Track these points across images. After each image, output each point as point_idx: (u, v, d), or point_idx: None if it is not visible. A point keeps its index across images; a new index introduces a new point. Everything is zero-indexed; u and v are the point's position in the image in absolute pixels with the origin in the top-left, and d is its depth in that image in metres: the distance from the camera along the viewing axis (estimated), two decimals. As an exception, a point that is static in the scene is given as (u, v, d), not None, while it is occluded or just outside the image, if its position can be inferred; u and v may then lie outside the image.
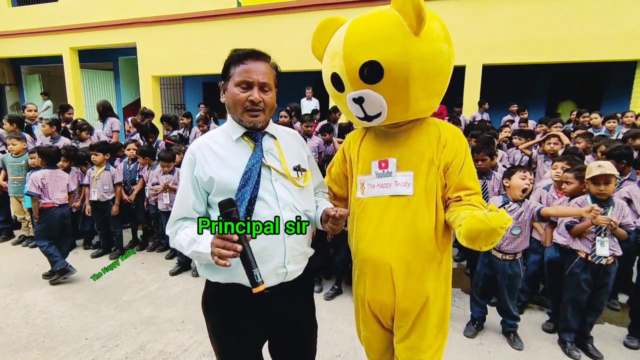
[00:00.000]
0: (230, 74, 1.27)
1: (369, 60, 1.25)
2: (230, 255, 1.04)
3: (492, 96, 7.51)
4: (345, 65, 1.30)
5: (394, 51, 1.24)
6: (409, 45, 1.23)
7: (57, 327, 2.89)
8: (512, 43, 6.47)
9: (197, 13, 8.28)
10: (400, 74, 1.26)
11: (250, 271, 1.06)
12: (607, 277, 2.48)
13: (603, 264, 2.45)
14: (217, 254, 1.05)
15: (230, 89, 1.26)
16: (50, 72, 12.34)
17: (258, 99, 1.24)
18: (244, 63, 1.25)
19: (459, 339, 2.76)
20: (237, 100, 1.24)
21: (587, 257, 2.49)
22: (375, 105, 1.34)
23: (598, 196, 2.49)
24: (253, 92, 1.24)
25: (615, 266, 2.49)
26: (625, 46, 6.01)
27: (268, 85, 1.27)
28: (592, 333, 2.62)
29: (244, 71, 1.24)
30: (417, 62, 1.25)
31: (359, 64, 1.27)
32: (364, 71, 1.27)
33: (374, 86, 1.29)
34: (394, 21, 1.25)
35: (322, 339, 1.59)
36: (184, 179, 1.29)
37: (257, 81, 1.24)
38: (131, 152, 4.47)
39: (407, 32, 1.23)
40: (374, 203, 1.44)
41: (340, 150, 1.67)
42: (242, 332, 1.33)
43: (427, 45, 1.26)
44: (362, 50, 1.27)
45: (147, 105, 8.68)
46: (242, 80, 1.23)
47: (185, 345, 2.66)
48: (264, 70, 1.26)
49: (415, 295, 1.43)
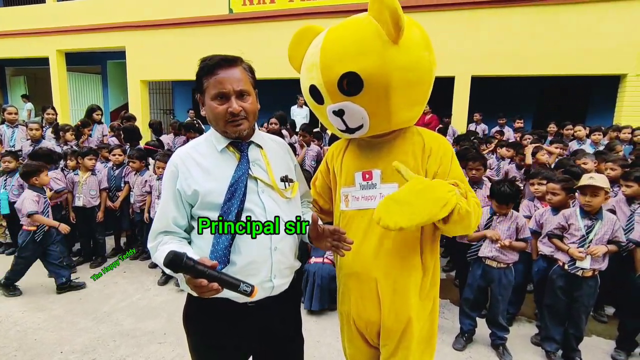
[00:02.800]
0: (204, 86, 1.21)
1: (348, 72, 1.21)
2: (212, 295, 1.01)
3: (482, 108, 7.64)
4: (324, 77, 1.26)
5: (373, 62, 1.20)
6: (388, 55, 1.20)
7: (31, 339, 2.76)
8: (500, 56, 6.57)
9: (187, 18, 8.23)
10: (380, 85, 1.22)
11: (237, 290, 1.01)
12: (581, 290, 2.48)
13: (579, 275, 2.46)
14: (199, 295, 1.02)
15: (208, 103, 1.20)
16: (36, 74, 12.13)
17: (237, 109, 1.18)
18: (216, 74, 1.18)
19: (448, 351, 2.71)
20: (217, 114, 1.19)
21: (564, 266, 2.51)
22: (356, 117, 1.30)
23: (585, 207, 2.50)
24: (231, 102, 1.18)
25: (594, 280, 2.48)
26: (609, 61, 6.16)
27: (245, 91, 1.21)
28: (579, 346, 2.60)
29: (217, 82, 1.17)
30: (397, 72, 1.22)
31: (337, 75, 1.23)
32: (343, 83, 1.23)
33: (354, 98, 1.26)
34: (372, 30, 1.21)
35: (309, 352, 1.54)
36: (165, 191, 1.24)
37: (233, 90, 1.18)
38: (116, 158, 4.36)
39: (385, 41, 1.19)
40: (360, 216, 1.40)
41: (324, 161, 1.63)
42: (226, 347, 1.28)
43: (406, 54, 1.22)
44: (340, 61, 1.23)
45: (135, 110, 8.57)
46: (218, 93, 1.17)
47: (167, 358, 2.56)
48: (239, 77, 1.20)
49: (400, 313, 1.38)
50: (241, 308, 1.22)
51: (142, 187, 4.12)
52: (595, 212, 2.49)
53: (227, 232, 1.03)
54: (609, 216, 2.52)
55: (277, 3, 7.68)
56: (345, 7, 6.79)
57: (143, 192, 4.12)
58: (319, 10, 7.26)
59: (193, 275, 0.97)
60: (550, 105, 8.60)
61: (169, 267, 0.94)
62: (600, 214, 2.50)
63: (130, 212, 4.33)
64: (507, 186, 2.59)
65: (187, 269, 0.95)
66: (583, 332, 2.59)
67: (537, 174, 3.13)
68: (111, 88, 11.75)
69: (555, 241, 2.61)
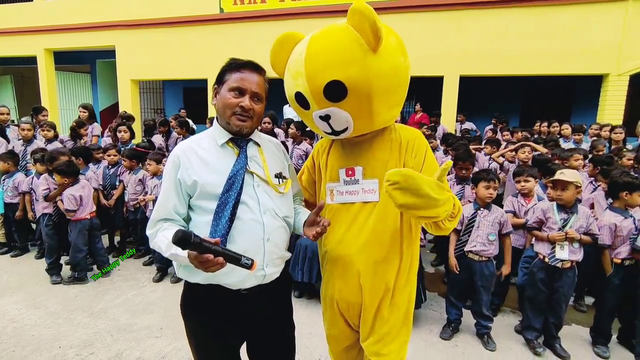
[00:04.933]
0: (225, 79, 1.32)
1: (333, 80, 1.29)
2: (217, 269, 1.09)
3: (471, 107, 7.80)
4: (309, 85, 1.33)
5: (356, 70, 1.27)
6: (369, 63, 1.27)
7: (29, 335, 2.80)
8: (488, 56, 6.72)
9: (178, 18, 8.22)
10: (363, 91, 1.30)
11: (239, 263, 1.10)
12: (561, 281, 2.62)
13: (559, 267, 2.60)
14: (205, 271, 1.09)
15: (223, 93, 1.31)
16: (23, 73, 11.94)
17: (249, 106, 1.29)
18: (241, 71, 1.31)
19: (436, 341, 2.83)
20: (228, 104, 1.29)
21: (544, 259, 2.65)
22: (342, 121, 1.39)
23: (558, 201, 2.68)
24: (245, 99, 1.29)
25: (572, 271, 2.63)
26: (592, 62, 6.35)
27: (260, 96, 1.33)
28: (559, 334, 2.74)
29: (240, 78, 1.29)
30: (378, 79, 1.30)
31: (322, 84, 1.30)
32: (328, 90, 1.31)
33: (339, 104, 1.33)
34: (352, 39, 1.27)
35: (301, 343, 1.62)
36: (166, 180, 1.32)
37: (251, 90, 1.30)
38: (111, 158, 4.39)
39: (366, 50, 1.26)
40: (346, 209, 1.52)
41: (310, 157, 1.74)
42: (222, 333, 1.36)
43: (385, 62, 1.30)
44: (325, 70, 1.29)
45: (125, 109, 8.52)
46: (236, 87, 1.29)
47: (164, 352, 2.63)
48: (258, 82, 1.32)
49: (379, 295, 1.50)
50: (235, 295, 1.31)
51: (135, 185, 4.16)
52: (570, 205, 2.65)
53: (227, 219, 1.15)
54: (584, 210, 2.68)
55: (268, 3, 7.71)
56: (335, 8, 6.85)
57: (137, 191, 4.17)
58: (310, 10, 7.30)
59: (200, 251, 1.04)
60: (536, 104, 8.81)
61: (179, 243, 1.00)
62: (576, 207, 2.66)
63: (124, 210, 4.37)
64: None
65: (195, 245, 1.02)
66: (562, 320, 2.73)
67: (523, 171, 3.25)
68: (101, 87, 11.64)
69: (535, 232, 2.76)
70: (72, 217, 3.65)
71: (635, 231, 2.64)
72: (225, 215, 1.23)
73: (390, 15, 6.75)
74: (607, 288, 2.73)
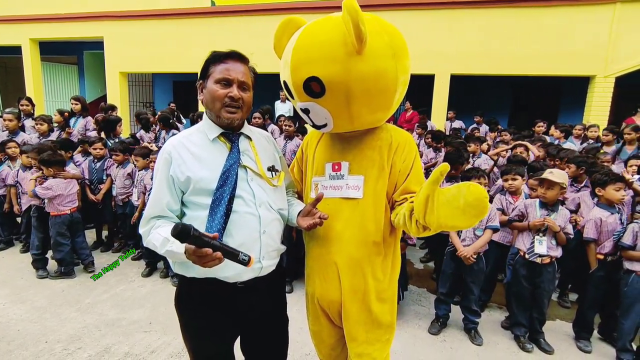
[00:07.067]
0: (209, 72, 1.30)
1: (312, 76, 1.27)
2: (215, 265, 1.08)
3: (458, 106, 7.87)
4: (292, 77, 1.34)
5: (336, 70, 1.25)
6: (351, 64, 1.24)
7: (14, 330, 2.76)
8: (478, 55, 6.79)
9: (168, 10, 8.09)
10: (340, 92, 1.28)
11: (237, 259, 1.09)
12: (542, 277, 2.69)
13: (538, 262, 2.68)
14: (202, 266, 1.08)
15: (210, 86, 1.29)
16: (7, 63, 11.66)
17: (238, 96, 1.28)
18: (225, 62, 1.29)
19: (424, 336, 2.87)
20: (217, 97, 1.27)
21: (524, 255, 2.73)
22: (320, 117, 1.38)
23: (542, 199, 2.76)
24: (232, 89, 1.28)
25: (552, 267, 2.71)
26: (579, 63, 6.47)
27: (247, 84, 1.32)
28: (543, 329, 2.81)
29: (225, 69, 1.28)
30: (357, 82, 1.26)
31: (303, 78, 1.29)
32: (307, 85, 1.30)
33: (318, 100, 1.33)
34: (339, 36, 1.23)
35: (292, 337, 1.62)
36: (158, 177, 1.30)
37: (237, 79, 1.28)
38: (98, 152, 4.32)
39: (350, 51, 1.22)
40: (327, 204, 1.45)
41: (300, 148, 1.72)
42: (217, 328, 1.36)
43: (368, 65, 1.25)
44: (307, 64, 1.28)
45: (114, 102, 8.35)
46: (222, 78, 1.27)
47: (153, 346, 2.62)
48: (244, 70, 1.31)
49: (359, 293, 1.48)
50: (230, 288, 1.31)
51: (124, 179, 4.11)
52: (552, 203, 2.74)
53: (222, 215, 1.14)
54: (564, 211, 2.77)
55: (260, -4, 7.65)
56: (328, 4, 6.85)
57: (125, 185, 4.12)
58: (301, 5, 7.28)
59: (198, 245, 1.03)
60: (524, 104, 8.94)
61: (178, 236, 0.99)
62: (557, 207, 2.76)
63: (112, 204, 4.31)
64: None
65: (193, 239, 1.01)
66: (545, 315, 2.81)
67: (510, 169, 3.29)
68: (88, 79, 11.41)
69: (516, 224, 2.86)
70: (52, 212, 3.55)
71: (620, 228, 2.71)
72: (220, 210, 1.23)
73: (381, 13, 6.68)
74: (591, 282, 2.81)
